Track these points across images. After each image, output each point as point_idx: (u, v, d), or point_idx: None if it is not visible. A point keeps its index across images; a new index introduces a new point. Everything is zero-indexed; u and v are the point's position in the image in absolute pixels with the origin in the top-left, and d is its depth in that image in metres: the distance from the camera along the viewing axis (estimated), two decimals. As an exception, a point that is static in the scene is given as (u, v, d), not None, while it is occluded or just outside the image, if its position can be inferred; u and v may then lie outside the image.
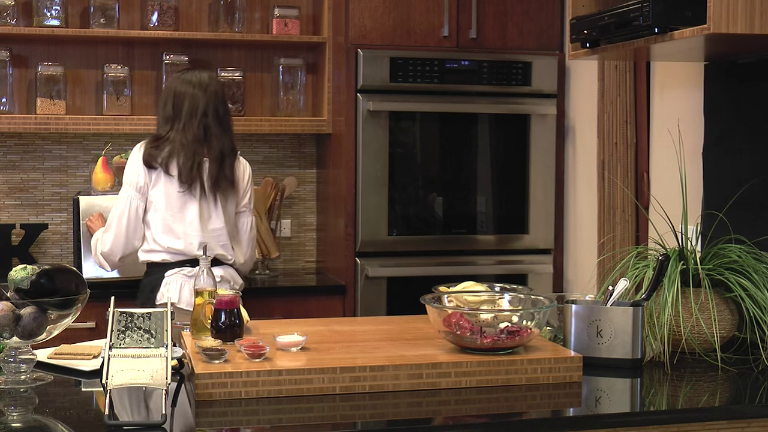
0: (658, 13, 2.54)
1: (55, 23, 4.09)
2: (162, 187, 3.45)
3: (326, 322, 2.79)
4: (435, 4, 4.10)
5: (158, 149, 3.46)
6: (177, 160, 3.44)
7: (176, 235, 3.46)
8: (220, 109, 3.53)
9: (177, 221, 3.46)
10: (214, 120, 3.50)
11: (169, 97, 3.53)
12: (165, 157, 3.44)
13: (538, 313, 2.38)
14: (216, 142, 3.49)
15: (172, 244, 3.45)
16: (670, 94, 3.50)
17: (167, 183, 3.45)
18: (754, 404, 2.25)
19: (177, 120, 3.49)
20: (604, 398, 2.32)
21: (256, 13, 4.42)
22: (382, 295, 4.08)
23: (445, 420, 2.15)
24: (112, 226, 3.49)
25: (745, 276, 2.62)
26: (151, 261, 3.49)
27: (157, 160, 3.45)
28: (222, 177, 3.49)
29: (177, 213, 3.46)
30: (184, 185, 3.44)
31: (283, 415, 2.11)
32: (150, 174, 3.46)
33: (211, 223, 3.49)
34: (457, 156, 4.20)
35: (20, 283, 2.28)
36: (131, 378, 2.04)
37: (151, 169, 3.45)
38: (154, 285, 3.46)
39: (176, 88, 3.53)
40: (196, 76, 3.55)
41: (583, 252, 4.14)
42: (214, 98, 3.51)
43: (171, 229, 3.46)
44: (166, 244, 3.45)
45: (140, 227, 3.48)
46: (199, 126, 3.47)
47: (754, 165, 2.98)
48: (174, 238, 3.45)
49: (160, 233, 3.46)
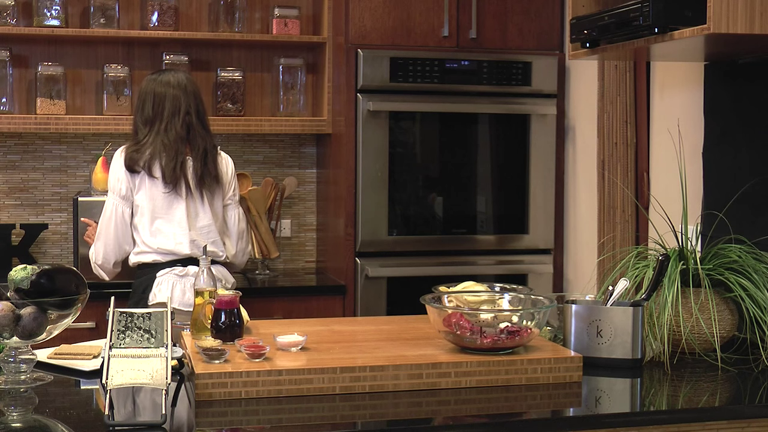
0: (658, 13, 2.54)
1: (55, 23, 4.09)
2: (147, 190, 3.45)
3: (326, 322, 2.79)
4: (435, 4, 4.10)
5: (139, 152, 3.45)
6: (159, 162, 3.44)
7: (165, 236, 3.46)
8: (200, 107, 3.55)
9: (165, 222, 3.46)
10: (197, 119, 3.51)
11: (148, 99, 3.51)
12: (147, 159, 3.44)
13: (538, 313, 2.38)
14: (200, 140, 3.50)
15: (161, 244, 3.45)
16: (670, 94, 3.50)
17: (151, 185, 3.45)
18: (754, 404, 2.25)
19: (158, 121, 3.48)
20: (604, 398, 2.32)
21: (256, 13, 4.42)
22: (382, 295, 4.08)
23: (445, 420, 2.15)
24: (101, 234, 3.50)
25: (745, 276, 2.62)
26: (141, 262, 3.50)
27: (139, 164, 3.44)
28: (206, 173, 3.50)
29: (164, 214, 3.46)
30: (168, 186, 3.44)
31: (283, 415, 2.11)
32: (133, 178, 3.45)
33: (199, 221, 3.50)
34: (457, 156, 4.20)
35: (20, 283, 2.28)
36: (131, 378, 2.04)
37: (134, 173, 3.45)
38: (146, 285, 3.46)
39: (155, 90, 3.52)
40: (174, 77, 3.55)
41: (583, 252, 4.14)
42: (193, 98, 3.53)
43: (159, 231, 3.46)
44: (156, 245, 3.45)
45: (129, 232, 3.49)
46: (182, 125, 3.47)
47: (754, 165, 2.97)
48: (163, 239, 3.45)
49: (149, 236, 3.46)
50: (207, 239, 3.48)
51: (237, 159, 4.18)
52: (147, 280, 3.47)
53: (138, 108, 3.56)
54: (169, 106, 3.49)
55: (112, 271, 3.55)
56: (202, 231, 3.49)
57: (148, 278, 3.47)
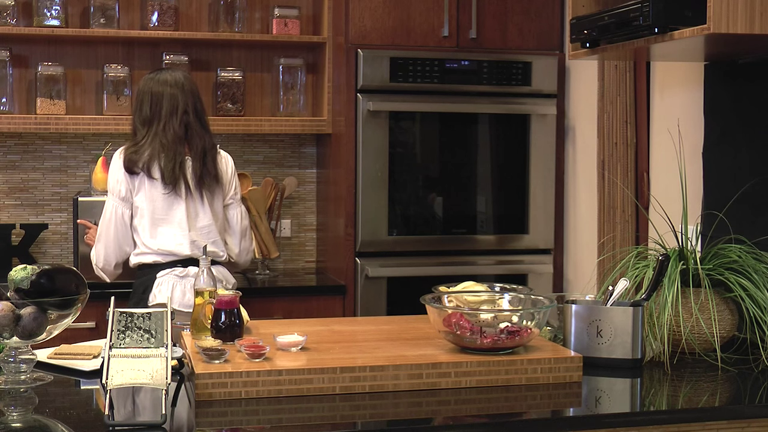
0: (658, 13, 2.54)
1: (55, 23, 4.09)
2: (146, 191, 3.43)
3: (326, 322, 2.79)
4: (435, 4, 4.10)
5: (138, 153, 3.43)
6: (158, 162, 3.42)
7: (165, 237, 3.44)
8: (198, 106, 3.52)
9: (165, 223, 3.45)
10: (195, 118, 3.49)
11: (146, 99, 3.49)
12: (146, 160, 3.41)
13: (538, 313, 2.38)
14: (198, 139, 3.48)
15: (161, 245, 3.44)
16: (670, 94, 3.50)
17: (151, 186, 3.43)
18: (754, 404, 2.25)
19: (156, 121, 3.46)
20: (604, 398, 2.32)
21: (256, 13, 4.42)
22: (382, 295, 4.08)
23: (445, 420, 2.15)
24: (101, 237, 3.49)
25: (745, 276, 2.62)
26: (142, 263, 3.49)
27: (138, 165, 3.42)
28: (206, 173, 3.48)
29: (164, 215, 3.45)
30: (168, 186, 3.42)
31: (283, 415, 2.11)
32: (132, 180, 3.44)
33: (199, 221, 3.49)
34: (457, 156, 4.20)
35: (20, 283, 2.28)
36: (131, 378, 2.04)
37: (133, 174, 3.43)
38: (146, 286, 3.46)
39: (152, 89, 3.49)
40: (171, 76, 3.52)
41: (583, 252, 4.14)
42: (191, 96, 3.50)
43: (159, 232, 3.45)
44: (156, 246, 3.44)
45: (129, 233, 3.48)
46: (180, 125, 3.45)
47: (754, 165, 2.97)
48: (163, 240, 3.44)
49: (149, 237, 3.44)
50: (207, 239, 3.47)
51: (237, 159, 4.18)
52: (147, 281, 3.46)
53: (136, 108, 3.54)
54: (166, 105, 3.46)
55: (113, 273, 3.54)
56: (202, 231, 3.49)
57: (148, 279, 3.46)
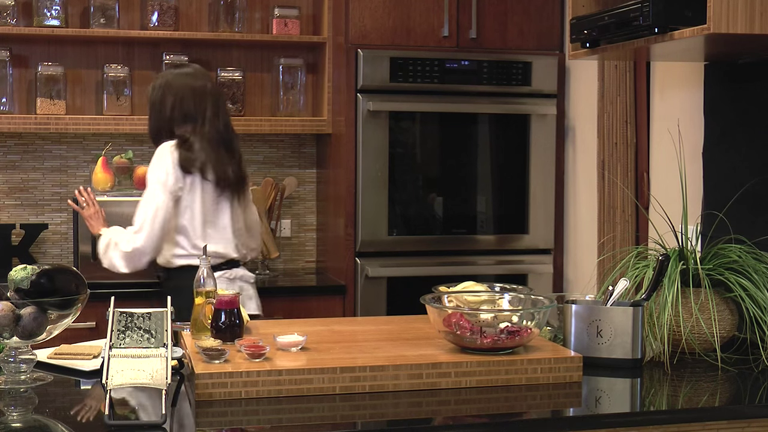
0: (658, 13, 2.54)
1: (55, 23, 4.09)
2: (199, 192, 3.39)
3: (326, 322, 2.79)
4: (435, 4, 4.10)
5: (191, 152, 3.37)
6: (212, 164, 3.38)
7: (215, 240, 3.41)
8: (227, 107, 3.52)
9: (213, 225, 3.43)
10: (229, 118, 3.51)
11: (187, 94, 3.43)
12: (203, 161, 3.36)
13: (538, 313, 2.38)
14: (236, 141, 3.49)
15: (211, 248, 3.30)
16: (670, 94, 3.50)
17: (204, 188, 3.40)
18: (754, 404, 2.25)
19: (200, 119, 3.41)
20: (604, 398, 2.32)
21: (256, 13, 4.42)
22: (382, 295, 4.08)
23: (445, 420, 2.15)
24: (145, 226, 3.36)
25: (745, 276, 2.62)
26: (189, 264, 3.37)
27: (195, 165, 3.36)
28: (242, 177, 3.49)
29: (213, 217, 3.43)
30: (217, 189, 3.40)
31: (283, 415, 2.11)
32: (185, 178, 3.37)
33: (235, 223, 3.49)
34: (457, 156, 4.20)
35: (20, 283, 2.28)
36: (131, 378, 2.04)
37: (187, 173, 3.37)
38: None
39: (192, 84, 3.44)
40: (201, 72, 3.52)
41: (583, 252, 4.14)
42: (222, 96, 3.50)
43: (209, 234, 3.41)
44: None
45: (170, 230, 3.41)
46: (224, 126, 3.45)
47: (754, 165, 2.97)
48: (213, 243, 3.37)
49: (199, 239, 3.39)
50: (239, 241, 3.48)
51: (237, 159, 4.18)
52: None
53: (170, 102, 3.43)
54: (211, 104, 3.43)
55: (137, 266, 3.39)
56: (238, 234, 3.49)
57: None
